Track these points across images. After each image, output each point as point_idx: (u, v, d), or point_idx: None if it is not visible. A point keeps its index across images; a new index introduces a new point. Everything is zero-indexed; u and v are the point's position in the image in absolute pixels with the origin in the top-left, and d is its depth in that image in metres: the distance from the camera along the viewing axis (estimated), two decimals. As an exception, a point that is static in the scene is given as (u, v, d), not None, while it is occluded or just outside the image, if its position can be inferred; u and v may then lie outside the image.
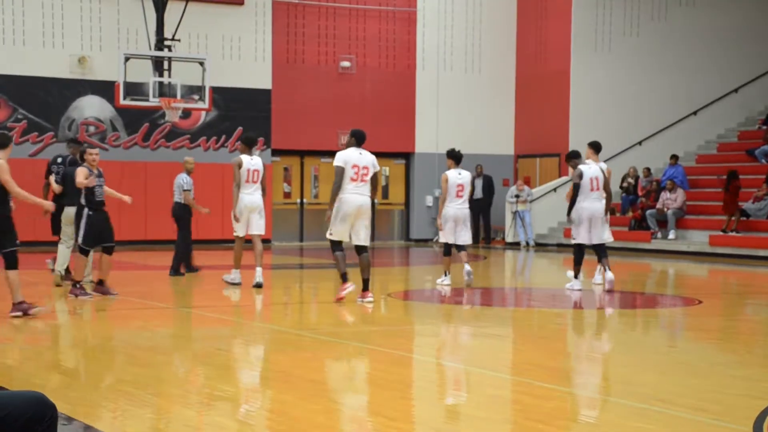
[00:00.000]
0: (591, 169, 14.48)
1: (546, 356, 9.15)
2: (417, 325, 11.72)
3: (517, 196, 26.10)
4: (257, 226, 14.50)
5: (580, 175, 14.39)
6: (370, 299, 12.58)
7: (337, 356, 8.96)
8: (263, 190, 14.57)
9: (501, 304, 14.19)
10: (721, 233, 22.39)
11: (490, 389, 7.47)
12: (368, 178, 12.35)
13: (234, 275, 14.63)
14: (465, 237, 15.09)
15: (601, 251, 14.49)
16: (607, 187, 14.58)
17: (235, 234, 14.58)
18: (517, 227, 26.12)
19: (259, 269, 14.30)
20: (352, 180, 12.23)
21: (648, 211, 24.19)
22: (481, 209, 26.94)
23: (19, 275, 10.92)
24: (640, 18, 27.25)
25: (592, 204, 14.37)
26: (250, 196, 14.43)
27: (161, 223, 24.32)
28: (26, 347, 9.42)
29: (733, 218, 22.39)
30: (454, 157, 14.98)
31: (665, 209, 23.88)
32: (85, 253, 12.97)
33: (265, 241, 14.40)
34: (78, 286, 12.86)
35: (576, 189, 14.38)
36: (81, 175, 12.77)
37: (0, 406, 3.96)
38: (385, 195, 27.59)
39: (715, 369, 8.38)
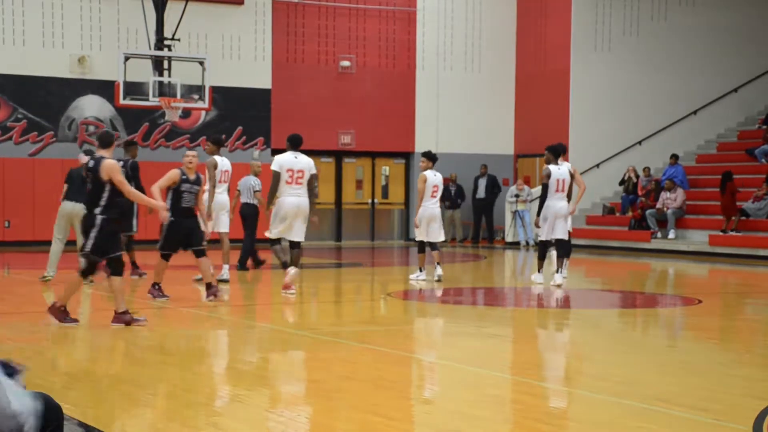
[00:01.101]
0: (560, 170, 15.16)
1: (546, 356, 9.15)
2: (417, 324, 11.72)
3: (516, 196, 26.10)
4: (225, 224, 15.03)
5: (548, 175, 15.11)
6: (292, 279, 13.27)
7: (337, 356, 8.96)
8: (229, 189, 15.11)
9: (501, 304, 14.19)
10: (721, 233, 22.37)
11: (491, 389, 7.47)
12: (303, 180, 13.14)
13: (223, 272, 15.01)
14: (438, 235, 15.72)
15: (560, 248, 15.34)
16: (570, 190, 15.26)
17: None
18: (517, 227, 26.13)
19: (225, 266, 14.96)
20: (287, 183, 13.10)
21: (648, 211, 24.18)
22: (484, 209, 26.95)
23: (123, 283, 10.42)
24: (640, 18, 27.23)
25: (556, 203, 15.09)
26: (221, 196, 14.88)
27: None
28: (26, 347, 9.41)
29: (732, 218, 22.37)
30: (432, 159, 15.67)
31: (665, 209, 23.87)
32: (166, 258, 12.48)
33: (265, 240, 14.69)
34: (157, 287, 12.58)
35: (545, 188, 15.19)
36: (168, 179, 12.25)
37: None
38: (385, 195, 27.59)
39: (715, 368, 8.38)
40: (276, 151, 25.97)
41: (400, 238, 27.96)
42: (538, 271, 15.45)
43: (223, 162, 14.87)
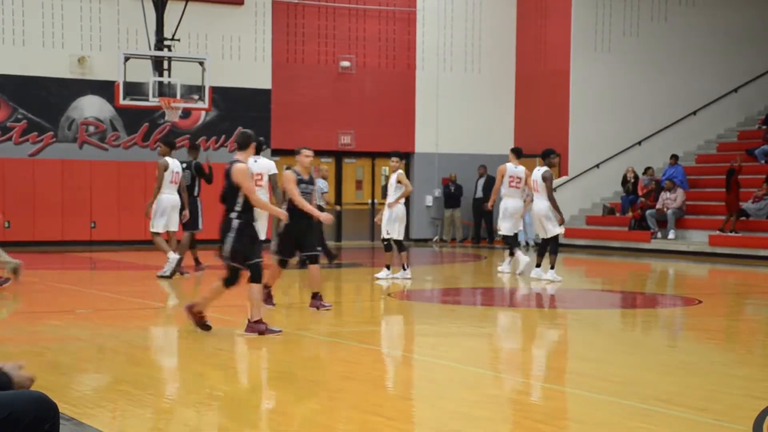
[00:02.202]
0: (533, 173, 16.32)
1: (546, 356, 9.15)
2: (417, 325, 11.71)
3: (516, 196, 26.06)
4: (175, 223, 15.74)
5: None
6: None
7: (337, 356, 8.96)
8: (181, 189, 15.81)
9: (501, 304, 14.19)
10: (720, 233, 22.35)
11: (490, 389, 7.47)
12: (262, 183, 13.48)
13: (167, 267, 15.49)
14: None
15: (554, 245, 16.02)
16: (550, 193, 16.11)
17: (153, 230, 15.60)
18: (517, 227, 26.08)
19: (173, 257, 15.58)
20: None
21: (648, 211, 24.17)
22: (482, 210, 26.89)
23: (260, 291, 10.05)
24: (640, 18, 27.23)
25: (535, 203, 16.16)
26: (173, 196, 15.58)
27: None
28: (25, 347, 9.42)
29: (731, 218, 22.34)
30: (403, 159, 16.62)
31: (665, 209, 23.86)
32: (283, 264, 11.75)
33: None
34: (317, 297, 11.75)
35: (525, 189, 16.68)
36: (289, 182, 11.40)
37: (3, 405, 3.97)
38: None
39: (715, 369, 8.38)
40: (276, 152, 26.03)
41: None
42: (538, 266, 15.98)
43: (174, 163, 15.53)
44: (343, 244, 26.56)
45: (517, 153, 17.40)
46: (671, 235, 23.59)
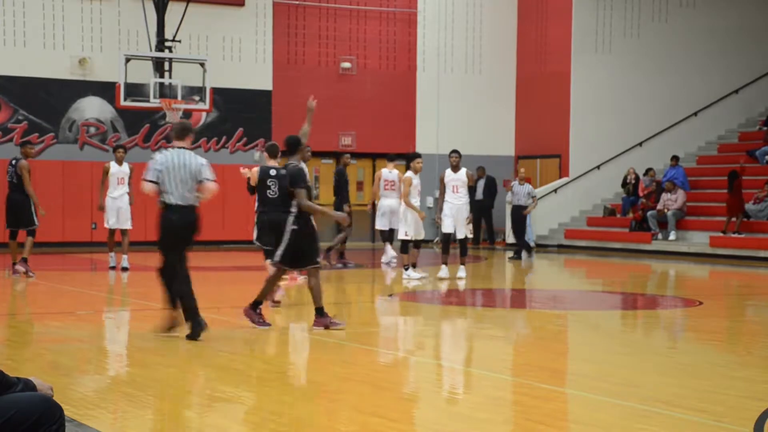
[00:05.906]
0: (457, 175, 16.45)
1: (546, 357, 9.14)
2: (418, 326, 11.72)
3: (518, 197, 26.04)
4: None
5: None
6: None
7: (338, 357, 8.96)
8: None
9: (501, 305, 14.19)
10: (722, 234, 22.34)
11: (491, 390, 7.47)
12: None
13: (112, 261, 17.24)
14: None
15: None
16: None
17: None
18: (518, 228, 26.05)
19: (125, 257, 17.38)
20: None
21: (648, 212, 24.17)
22: (482, 211, 26.89)
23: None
24: (641, 19, 27.23)
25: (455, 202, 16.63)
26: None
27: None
28: (26, 348, 9.42)
29: (734, 219, 22.33)
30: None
31: (666, 210, 23.86)
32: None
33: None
34: None
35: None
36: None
37: (7, 405, 3.99)
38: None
39: (715, 370, 8.38)
40: (277, 153, 26.01)
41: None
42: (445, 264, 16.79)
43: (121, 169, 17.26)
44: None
45: (390, 158, 19.08)
46: (672, 236, 23.59)
